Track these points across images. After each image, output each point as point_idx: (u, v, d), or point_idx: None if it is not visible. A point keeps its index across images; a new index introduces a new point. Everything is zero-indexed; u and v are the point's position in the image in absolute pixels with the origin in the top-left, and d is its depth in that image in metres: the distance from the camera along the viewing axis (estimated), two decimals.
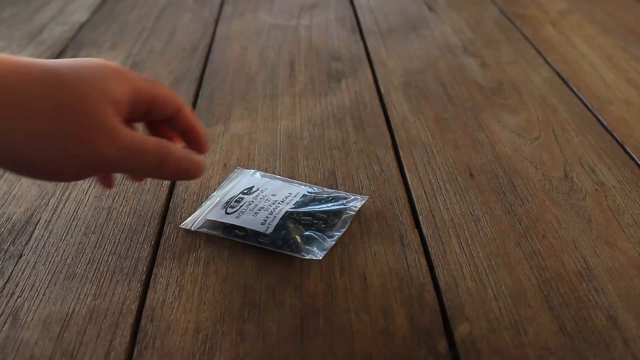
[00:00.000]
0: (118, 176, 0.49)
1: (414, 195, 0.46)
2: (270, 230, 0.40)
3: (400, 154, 0.51)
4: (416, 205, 0.45)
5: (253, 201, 0.43)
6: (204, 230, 0.42)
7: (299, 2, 0.91)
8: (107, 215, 0.45)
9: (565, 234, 0.41)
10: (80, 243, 0.42)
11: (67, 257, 0.41)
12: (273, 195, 0.44)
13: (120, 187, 0.48)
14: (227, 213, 0.42)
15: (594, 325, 0.34)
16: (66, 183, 0.49)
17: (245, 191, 0.45)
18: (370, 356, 0.33)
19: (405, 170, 0.49)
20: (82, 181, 0.49)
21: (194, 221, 0.43)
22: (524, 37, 0.75)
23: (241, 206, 0.43)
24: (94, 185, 0.48)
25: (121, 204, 0.46)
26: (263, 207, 0.42)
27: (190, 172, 0.36)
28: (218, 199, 0.45)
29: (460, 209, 0.44)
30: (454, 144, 0.53)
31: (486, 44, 0.73)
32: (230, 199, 0.44)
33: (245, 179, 0.47)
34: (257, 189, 0.45)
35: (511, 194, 0.46)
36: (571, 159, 0.50)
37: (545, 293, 0.37)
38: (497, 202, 0.45)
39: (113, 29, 0.82)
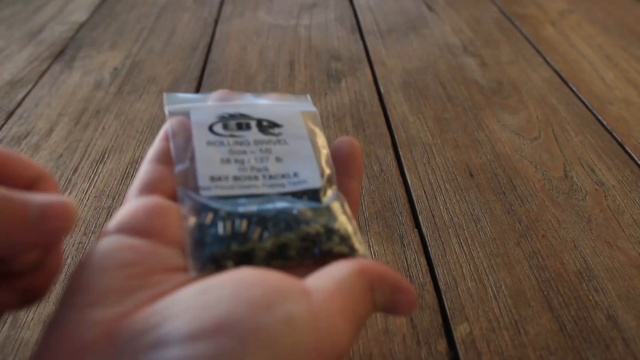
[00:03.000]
0: (118, 176, 0.49)
1: (413, 195, 0.46)
2: None
3: (400, 153, 0.51)
4: (416, 205, 0.45)
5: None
6: None
7: (298, 1, 0.91)
8: (107, 215, 0.45)
9: (565, 234, 0.41)
10: (80, 243, 0.42)
11: (67, 257, 0.41)
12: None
13: (120, 187, 0.48)
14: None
15: (593, 325, 0.34)
16: (65, 183, 0.49)
17: None
18: (370, 356, 0.33)
19: (405, 170, 0.49)
20: (81, 181, 0.49)
21: None
22: (523, 36, 0.75)
23: None
24: (94, 185, 0.48)
25: (121, 204, 0.46)
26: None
27: None
28: None
29: (460, 208, 0.44)
30: (453, 144, 0.52)
31: (486, 43, 0.73)
32: None
33: None
34: None
35: (511, 194, 0.46)
36: (571, 159, 0.50)
37: (545, 293, 0.37)
38: (497, 201, 0.45)
39: (113, 29, 0.82)
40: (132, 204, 0.23)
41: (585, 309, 0.35)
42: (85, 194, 0.47)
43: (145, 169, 0.26)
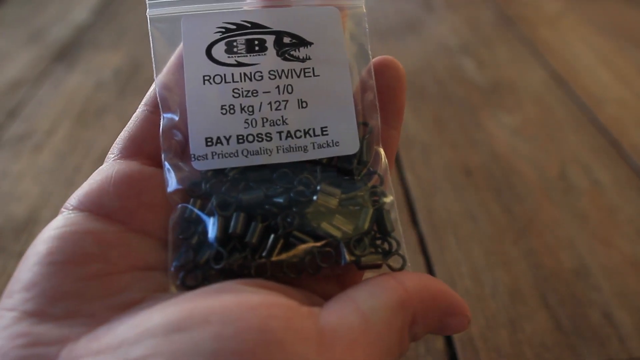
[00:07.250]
0: None
1: (411, 193, 0.46)
2: None
3: (399, 152, 0.52)
4: (414, 203, 0.45)
5: None
6: None
7: None
8: None
9: (561, 233, 0.42)
10: None
11: None
12: None
13: None
14: None
15: (589, 323, 0.35)
16: (67, 182, 0.49)
17: None
18: None
19: (404, 169, 0.50)
20: (83, 180, 0.49)
21: None
22: (520, 37, 0.75)
23: None
24: None
25: None
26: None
27: None
28: None
29: (458, 207, 0.45)
30: (451, 143, 0.53)
31: (483, 44, 0.74)
32: None
33: None
34: None
35: (508, 193, 0.46)
36: (567, 158, 0.51)
37: (542, 291, 0.37)
38: (494, 200, 0.45)
39: (114, 30, 0.82)
40: (104, 172, 0.19)
41: (581, 307, 0.36)
42: None
43: (134, 117, 0.21)
